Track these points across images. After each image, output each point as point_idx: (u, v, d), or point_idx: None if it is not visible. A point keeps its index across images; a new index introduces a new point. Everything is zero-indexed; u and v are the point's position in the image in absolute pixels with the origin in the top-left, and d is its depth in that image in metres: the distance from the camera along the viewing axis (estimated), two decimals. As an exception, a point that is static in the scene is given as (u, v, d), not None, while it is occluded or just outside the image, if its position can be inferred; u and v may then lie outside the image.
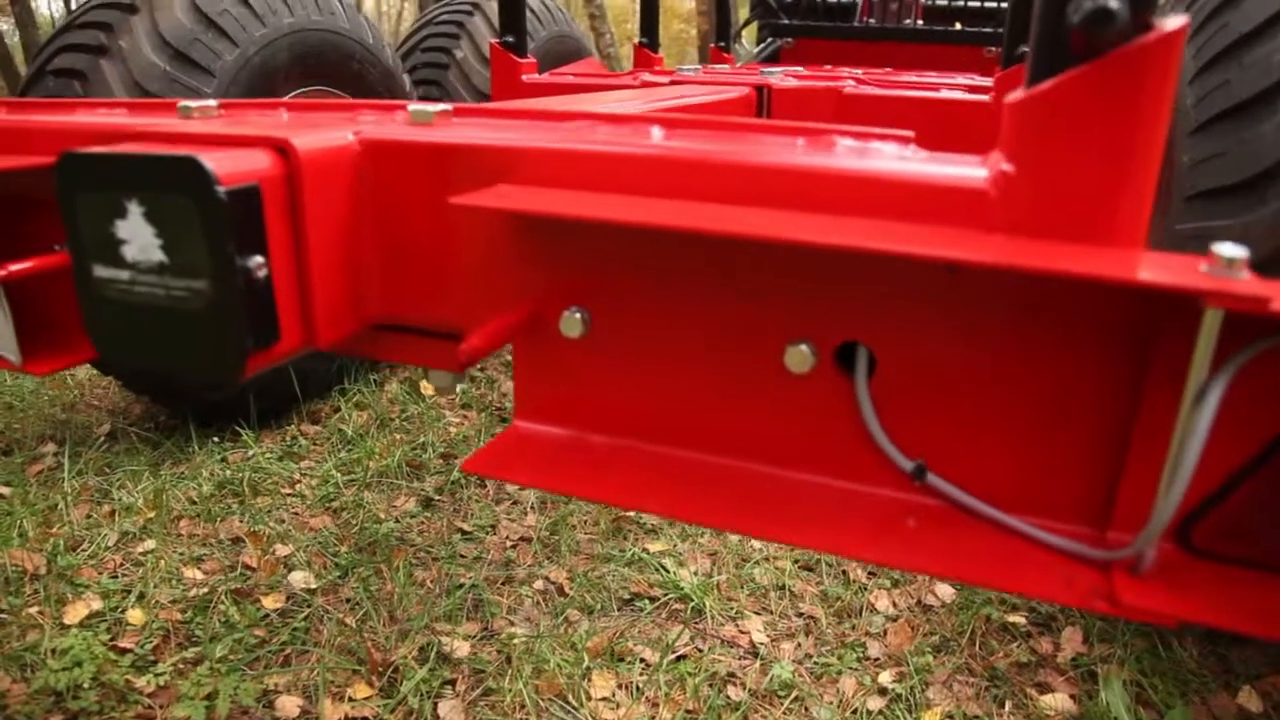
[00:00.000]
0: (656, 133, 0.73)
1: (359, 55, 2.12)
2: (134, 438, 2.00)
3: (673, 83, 2.07)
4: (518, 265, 0.74)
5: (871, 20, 4.89)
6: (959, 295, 0.64)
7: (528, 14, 2.83)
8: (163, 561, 1.55)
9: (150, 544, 1.61)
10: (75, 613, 1.39)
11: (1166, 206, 1.24)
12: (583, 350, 0.74)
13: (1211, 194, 1.10)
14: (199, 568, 1.55)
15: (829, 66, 3.91)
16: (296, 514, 1.74)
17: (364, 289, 0.80)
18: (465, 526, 1.72)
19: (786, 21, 4.71)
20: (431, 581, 1.54)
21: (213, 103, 0.91)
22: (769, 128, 0.71)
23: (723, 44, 4.02)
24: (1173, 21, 0.54)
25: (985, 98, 2.00)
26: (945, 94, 2.01)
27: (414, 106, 0.78)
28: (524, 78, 2.37)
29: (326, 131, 0.75)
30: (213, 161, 0.65)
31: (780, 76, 2.04)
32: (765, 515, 0.68)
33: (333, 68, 2.06)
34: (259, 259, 0.69)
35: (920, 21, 4.91)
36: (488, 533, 1.71)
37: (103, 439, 2.01)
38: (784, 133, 0.70)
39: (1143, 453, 0.60)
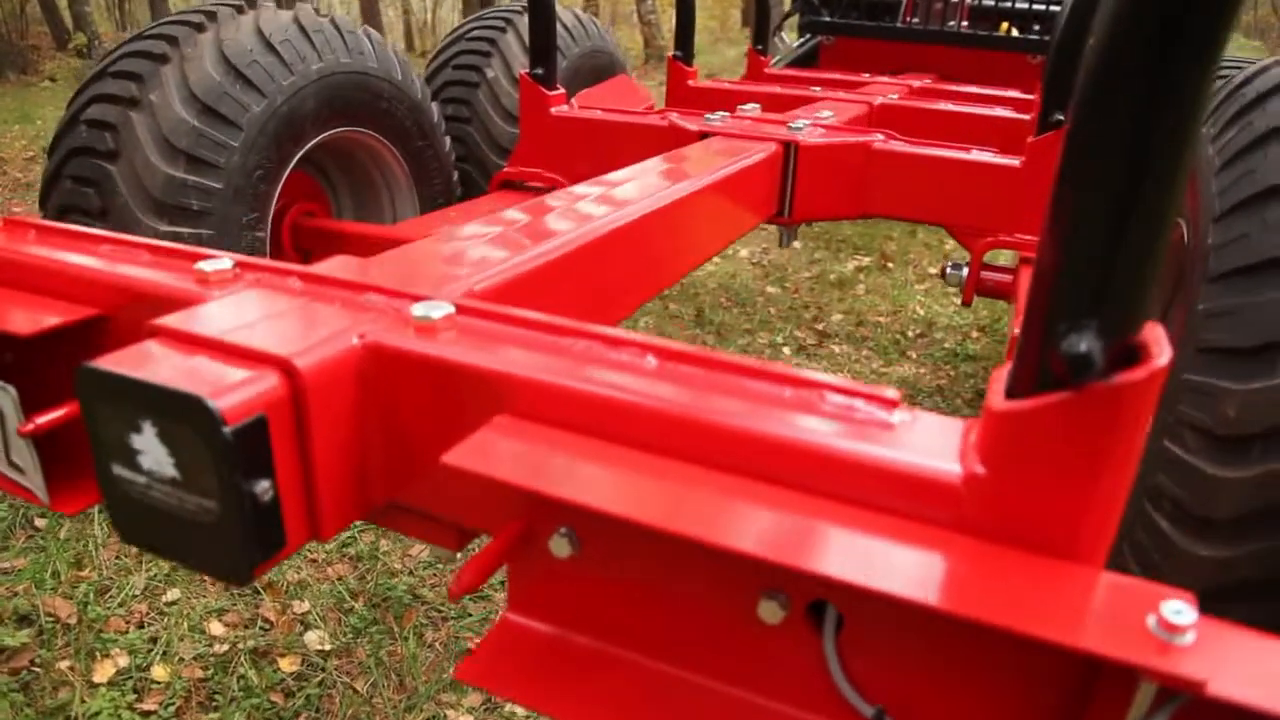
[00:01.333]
0: (650, 362, 0.74)
1: (387, 93, 2.13)
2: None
3: (700, 134, 2.05)
4: (512, 489, 0.76)
5: (915, 20, 4.75)
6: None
7: (560, 30, 2.81)
8: (187, 613, 1.63)
9: (175, 593, 1.68)
10: (104, 671, 1.47)
11: (1190, 293, 1.22)
12: (571, 565, 0.77)
13: (1221, 352, 1.09)
14: (221, 620, 1.63)
15: (866, 75, 3.83)
16: (314, 560, 1.81)
17: (368, 480, 0.83)
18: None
19: (828, 19, 4.58)
20: (441, 644, 1.60)
21: (228, 263, 0.93)
22: (759, 372, 0.72)
23: (760, 47, 3.93)
24: (1148, 367, 0.55)
25: (1015, 162, 1.96)
26: (975, 155, 1.98)
27: (418, 310, 0.80)
28: (553, 110, 2.37)
29: (330, 341, 0.77)
30: (218, 399, 0.68)
31: (808, 130, 2.01)
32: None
33: (360, 108, 2.07)
34: (265, 483, 0.72)
35: (965, 23, 4.76)
36: (497, 589, 1.77)
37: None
38: (773, 379, 0.71)
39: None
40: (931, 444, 0.65)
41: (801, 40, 5.06)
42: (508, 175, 2.45)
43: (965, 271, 2.06)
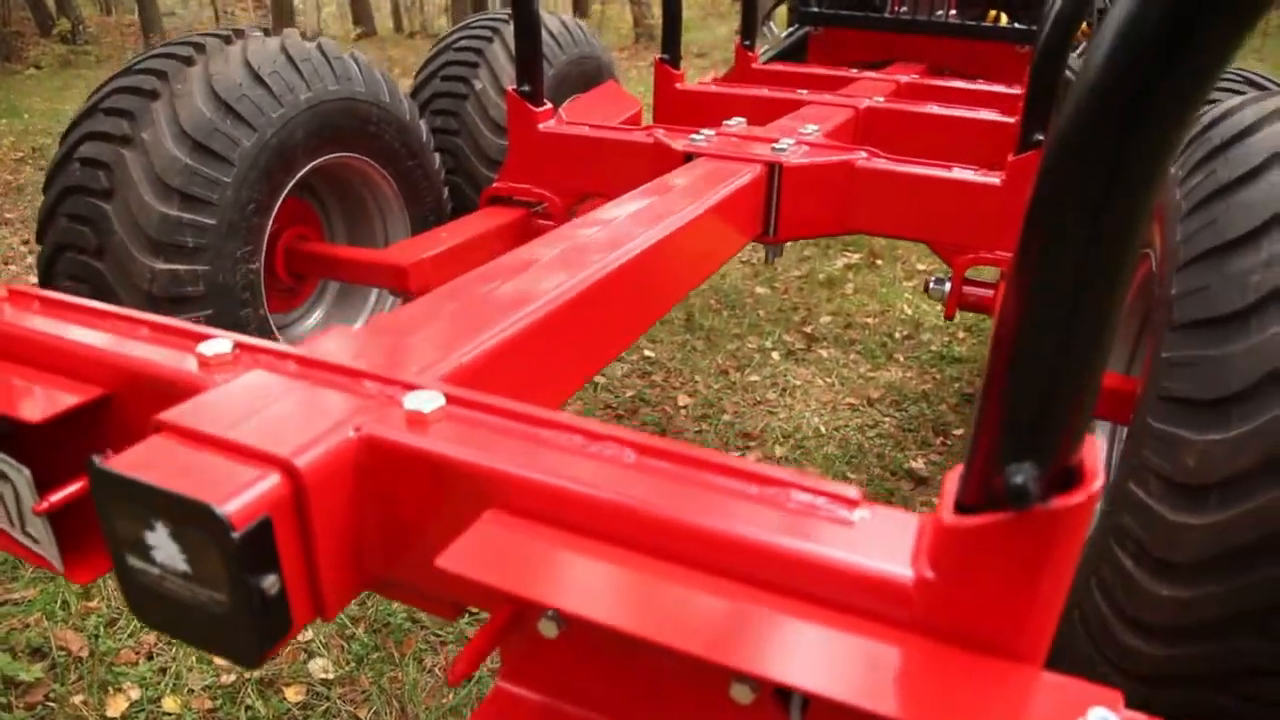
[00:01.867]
0: (628, 457, 0.79)
1: (375, 117, 2.15)
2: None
3: (685, 154, 2.08)
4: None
5: (904, 9, 4.74)
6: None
7: (546, 38, 2.82)
8: (194, 639, 1.68)
9: (182, 620, 1.73)
10: (117, 705, 1.53)
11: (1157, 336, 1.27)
12: (559, 643, 0.82)
13: (1181, 402, 1.14)
14: (227, 647, 1.68)
15: (854, 70, 3.83)
16: (317, 583, 1.86)
17: (366, 560, 0.88)
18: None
19: (816, 10, 4.58)
20: (440, 669, 1.66)
21: (227, 346, 0.97)
22: (730, 470, 0.76)
23: (748, 43, 3.94)
24: (1083, 492, 0.59)
25: (995, 180, 2.00)
26: (956, 174, 2.01)
27: (410, 403, 0.85)
28: (540, 126, 2.40)
29: (328, 436, 0.82)
30: (226, 505, 0.73)
31: (792, 150, 2.04)
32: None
33: (349, 134, 2.10)
34: (271, 577, 0.77)
35: (954, 11, 4.75)
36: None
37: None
38: (742, 477, 0.76)
39: None
40: (887, 544, 0.70)
41: (790, 30, 5.05)
42: (497, 191, 2.48)
43: (948, 286, 2.10)
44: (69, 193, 1.80)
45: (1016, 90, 3.75)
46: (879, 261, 3.75)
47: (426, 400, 0.85)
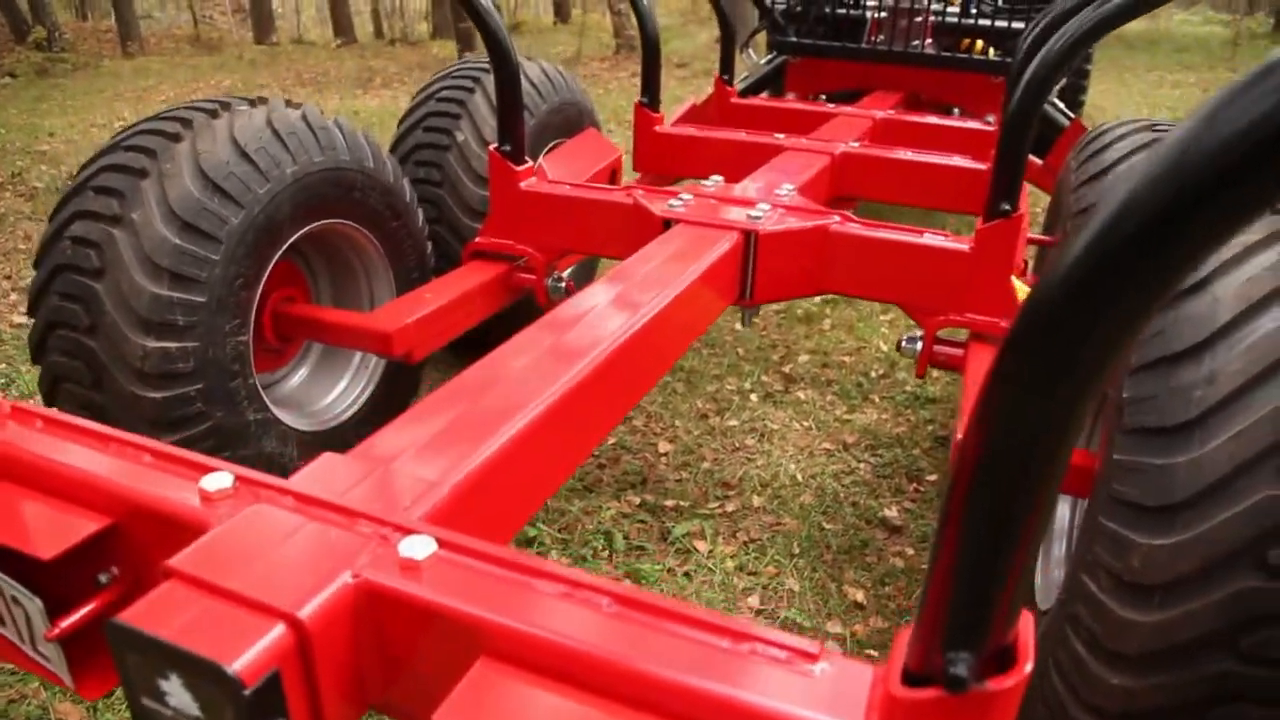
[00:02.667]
0: (608, 606, 0.85)
1: (359, 183, 2.20)
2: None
3: (663, 220, 2.14)
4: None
5: (880, 38, 4.83)
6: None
7: (527, 88, 2.87)
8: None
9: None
10: (114, 782, 1.57)
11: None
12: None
13: (1130, 505, 1.21)
14: None
15: (831, 105, 3.90)
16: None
17: (368, 689, 0.93)
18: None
19: (794, 40, 4.66)
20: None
21: (229, 480, 1.03)
22: (701, 623, 0.82)
23: (726, 76, 4.01)
24: (1015, 675, 0.66)
25: (964, 247, 2.07)
26: (927, 239, 2.09)
27: (404, 549, 0.90)
28: (522, 185, 2.45)
29: (328, 583, 0.87)
30: (237, 662, 0.78)
31: (767, 217, 2.11)
32: None
33: (334, 202, 2.14)
34: None
35: (930, 40, 4.85)
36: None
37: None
38: (712, 630, 0.82)
39: None
40: (845, 699, 0.76)
41: (769, 57, 5.13)
42: (478, 246, 2.53)
43: (919, 345, 2.18)
44: (60, 270, 1.83)
45: (990, 125, 3.85)
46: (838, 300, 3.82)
47: (419, 547, 0.91)
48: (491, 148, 2.46)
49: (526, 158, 2.51)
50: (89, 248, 1.81)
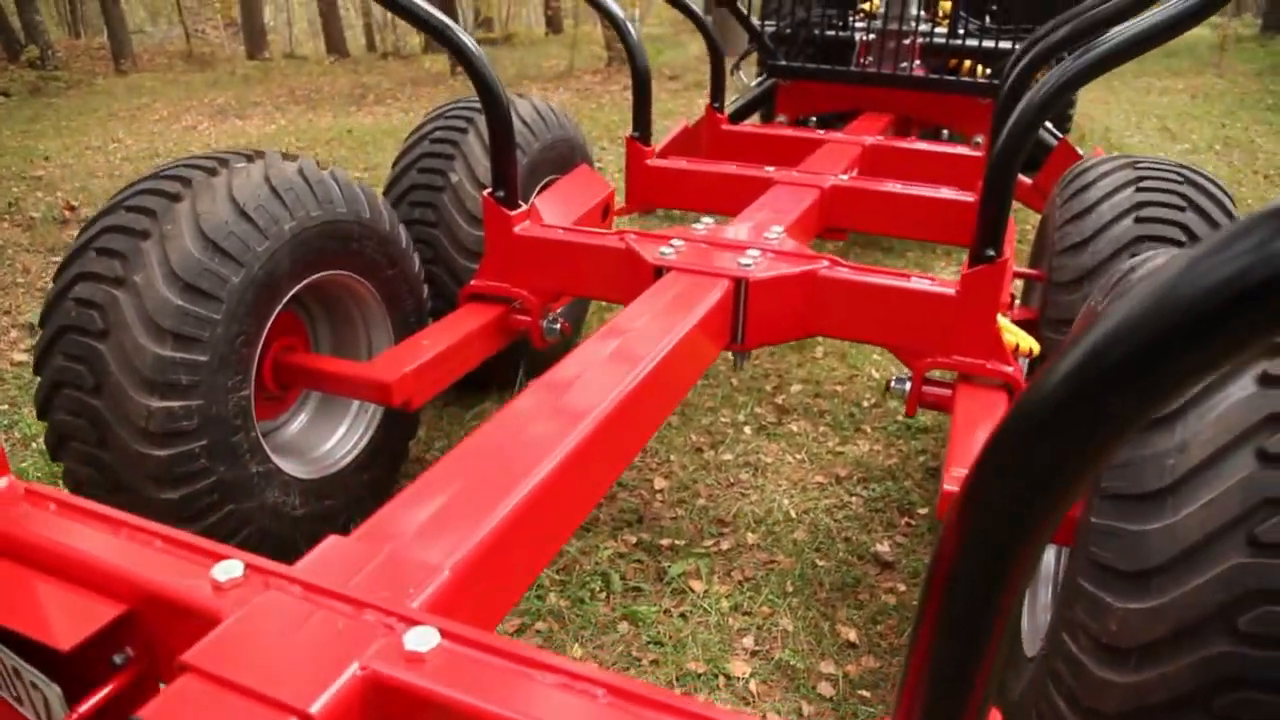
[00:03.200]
0: (601, 697, 0.89)
1: (356, 234, 2.24)
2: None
3: (655, 268, 2.18)
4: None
5: (869, 59, 4.90)
6: None
7: (519, 127, 2.92)
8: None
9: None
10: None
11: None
12: None
13: (1107, 569, 1.25)
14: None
15: (821, 132, 3.95)
16: None
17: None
18: None
19: (784, 64, 4.73)
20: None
21: (239, 569, 1.07)
22: (689, 714, 0.87)
23: (717, 104, 4.06)
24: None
25: (950, 291, 2.12)
26: (914, 284, 2.13)
27: (410, 642, 0.95)
28: (516, 229, 2.49)
29: (336, 675, 0.92)
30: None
31: (757, 264, 2.15)
32: None
33: (332, 255, 2.18)
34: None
35: (918, 61, 4.91)
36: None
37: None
38: (699, 721, 0.87)
39: None
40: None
41: (760, 79, 5.19)
42: (474, 289, 2.57)
43: (908, 386, 2.22)
44: (65, 331, 1.87)
45: (978, 149, 3.90)
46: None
47: (423, 639, 0.95)
48: (486, 193, 2.50)
49: (520, 200, 2.55)
50: (93, 309, 1.85)
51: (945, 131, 4.97)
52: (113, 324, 1.83)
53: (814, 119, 5.05)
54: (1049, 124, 4.63)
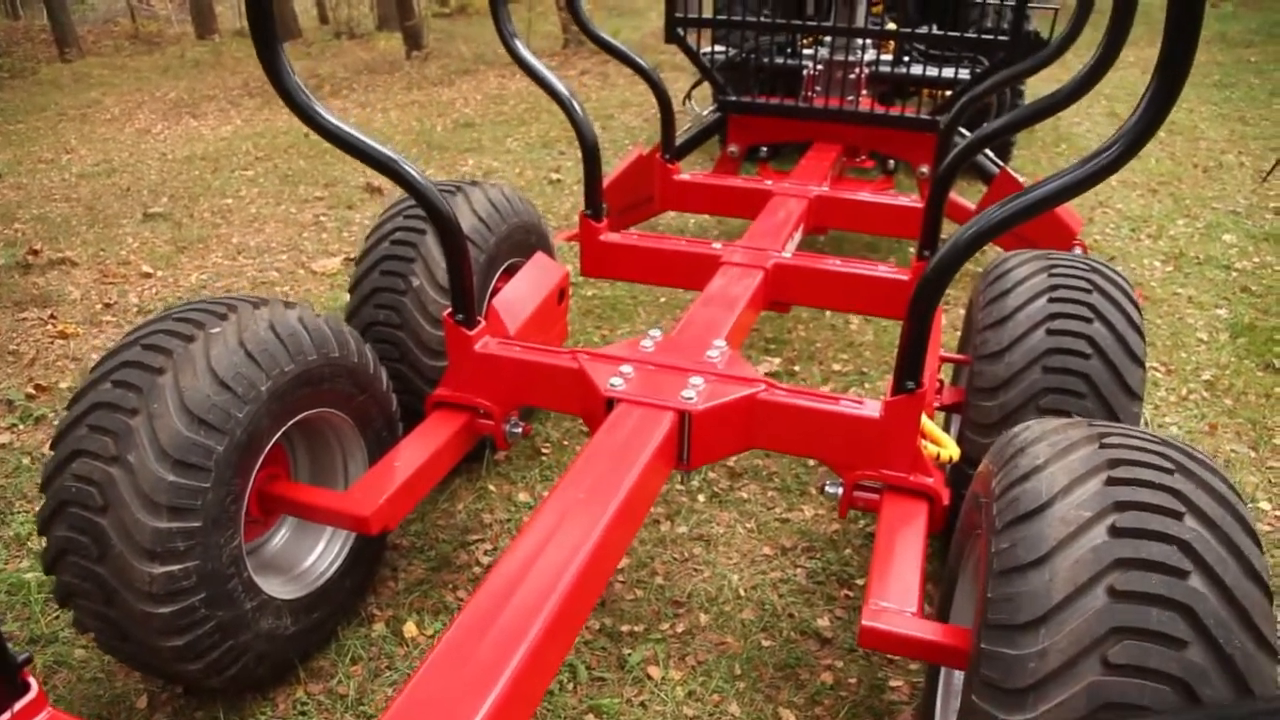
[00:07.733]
0: None
1: (327, 374, 2.41)
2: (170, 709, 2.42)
3: (606, 399, 2.38)
4: None
5: (818, 88, 5.06)
6: None
7: (476, 224, 3.08)
8: None
9: None
10: None
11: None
12: None
13: (994, 687, 1.47)
14: None
15: (769, 183, 4.12)
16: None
17: None
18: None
19: (734, 99, 4.89)
20: None
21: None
22: None
23: (668, 156, 4.22)
24: None
25: (875, 414, 2.34)
26: (842, 406, 2.36)
27: None
28: (475, 347, 2.68)
29: None
30: None
31: (699, 394, 2.36)
32: None
33: (306, 400, 2.36)
34: None
35: (865, 92, 5.09)
36: None
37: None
38: None
39: None
40: None
41: (711, 108, 5.32)
42: (440, 398, 2.76)
43: (840, 490, 2.46)
44: (66, 505, 2.05)
45: (918, 202, 4.11)
46: (796, 368, 4.10)
47: None
48: (445, 313, 2.67)
49: (477, 309, 2.73)
50: (91, 485, 2.03)
51: (891, 163, 5.16)
52: (112, 501, 2.01)
53: (764, 150, 5.21)
54: (989, 151, 4.83)
